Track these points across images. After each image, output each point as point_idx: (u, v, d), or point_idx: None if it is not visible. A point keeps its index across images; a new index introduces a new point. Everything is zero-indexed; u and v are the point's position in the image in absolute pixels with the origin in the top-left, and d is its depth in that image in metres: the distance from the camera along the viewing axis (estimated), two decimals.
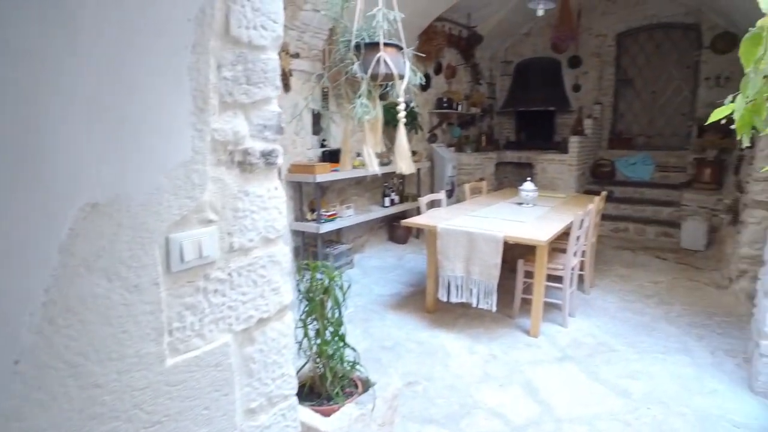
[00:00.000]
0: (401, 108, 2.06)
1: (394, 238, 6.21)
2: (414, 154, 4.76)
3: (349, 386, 2.09)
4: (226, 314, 1.17)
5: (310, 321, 2.00)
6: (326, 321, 2.01)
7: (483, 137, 7.87)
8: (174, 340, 1.04)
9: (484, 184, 5.45)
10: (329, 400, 1.97)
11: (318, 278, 1.97)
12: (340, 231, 5.27)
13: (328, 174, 4.50)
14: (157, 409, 1.00)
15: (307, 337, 1.99)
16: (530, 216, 3.93)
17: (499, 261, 3.32)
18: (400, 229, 5.95)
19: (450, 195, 6.53)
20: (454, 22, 6.98)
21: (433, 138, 7.08)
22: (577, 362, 3.08)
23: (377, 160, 2.09)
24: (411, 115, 5.93)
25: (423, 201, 4.25)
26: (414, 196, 6.01)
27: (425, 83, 6.51)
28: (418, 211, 4.23)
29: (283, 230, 1.31)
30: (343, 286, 1.99)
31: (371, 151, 2.06)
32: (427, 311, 3.85)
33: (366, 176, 5.43)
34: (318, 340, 2.00)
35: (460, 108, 7.23)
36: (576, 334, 3.47)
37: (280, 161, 1.26)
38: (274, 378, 1.34)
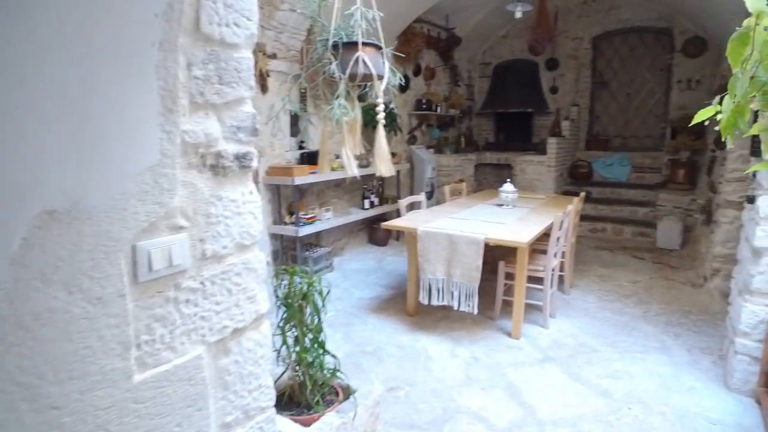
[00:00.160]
0: (380, 109, 2.03)
1: (374, 240, 6.17)
2: (393, 156, 4.73)
3: (329, 394, 2.04)
4: (198, 325, 1.12)
5: (288, 328, 1.95)
6: (305, 328, 1.95)
7: (462, 139, 7.90)
8: (142, 354, 0.98)
9: (464, 186, 5.45)
10: (309, 409, 1.92)
11: (296, 283, 1.92)
12: (319, 234, 5.21)
13: (306, 176, 4.43)
14: (124, 429, 0.94)
15: (286, 345, 1.94)
16: (510, 217, 3.93)
17: (480, 263, 3.30)
18: (380, 231, 5.91)
19: (430, 197, 6.52)
20: (432, 24, 6.99)
21: (412, 139, 7.07)
22: (559, 363, 3.08)
23: (356, 162, 2.05)
24: (390, 117, 5.91)
25: (403, 203, 4.23)
26: (394, 198, 5.99)
27: (404, 84, 6.50)
28: (398, 213, 4.20)
29: (259, 236, 1.26)
30: (322, 291, 1.94)
31: (350, 154, 2.01)
32: (409, 314, 3.82)
33: (345, 178, 5.38)
34: (297, 348, 1.95)
35: (439, 109, 7.24)
36: (557, 335, 3.48)
37: (255, 164, 1.21)
38: (250, 390, 1.29)
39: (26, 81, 0.74)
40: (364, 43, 1.90)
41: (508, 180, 4.78)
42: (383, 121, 2.07)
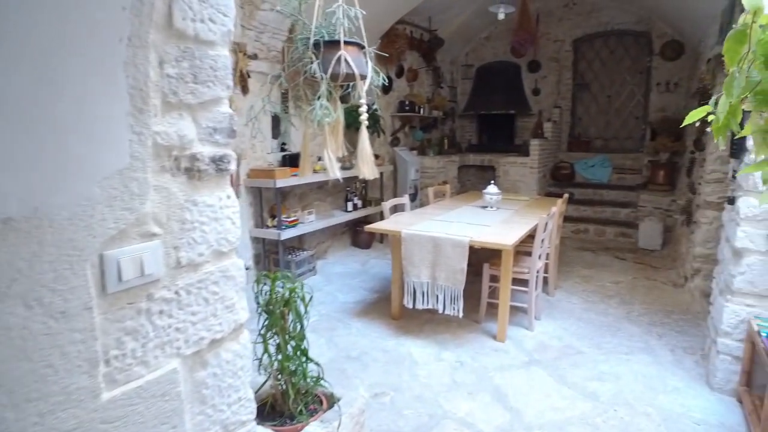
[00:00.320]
0: (363, 110, 1.98)
1: (357, 243, 6.12)
2: (377, 158, 4.70)
3: (313, 402, 1.98)
4: (173, 337, 1.06)
5: (270, 335, 1.88)
6: (288, 335, 1.89)
7: (445, 140, 7.89)
8: (111, 371, 0.92)
9: (448, 188, 5.43)
10: (292, 419, 1.86)
11: (278, 289, 1.86)
12: (302, 237, 5.13)
13: (288, 179, 4.36)
14: None
15: (268, 353, 1.88)
16: (495, 220, 3.92)
17: (465, 266, 3.28)
18: (364, 234, 5.86)
19: (413, 199, 6.49)
20: (415, 25, 6.97)
21: (395, 141, 7.04)
22: (545, 366, 3.07)
23: (339, 165, 1.99)
24: (373, 118, 5.87)
25: (386, 205, 4.18)
26: (377, 201, 5.94)
27: (387, 86, 6.47)
28: (382, 215, 4.16)
29: (237, 242, 1.20)
30: (304, 297, 1.89)
31: (332, 156, 1.96)
32: (393, 318, 3.78)
33: (328, 181, 5.31)
34: (279, 356, 1.89)
35: (422, 111, 7.22)
36: (542, 338, 3.47)
37: (233, 167, 1.16)
38: (229, 403, 1.23)
39: None
40: (347, 42, 1.85)
41: (492, 182, 4.78)
42: (366, 123, 2.02)
